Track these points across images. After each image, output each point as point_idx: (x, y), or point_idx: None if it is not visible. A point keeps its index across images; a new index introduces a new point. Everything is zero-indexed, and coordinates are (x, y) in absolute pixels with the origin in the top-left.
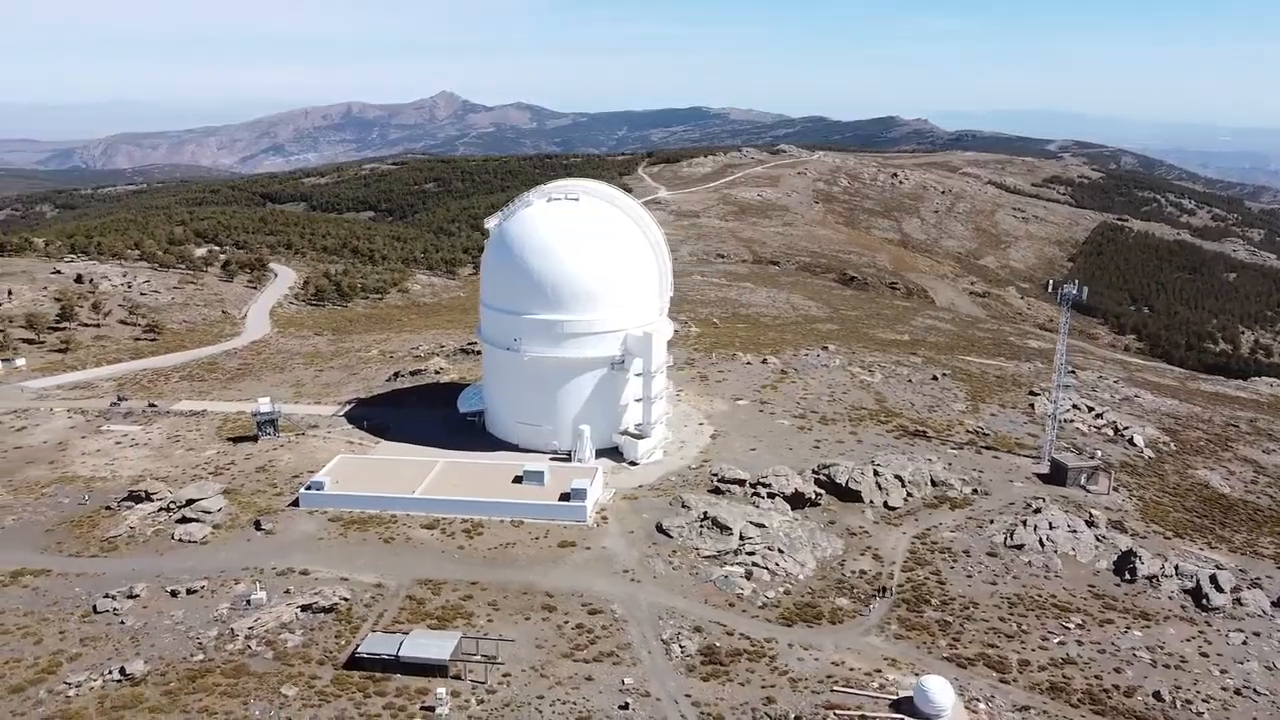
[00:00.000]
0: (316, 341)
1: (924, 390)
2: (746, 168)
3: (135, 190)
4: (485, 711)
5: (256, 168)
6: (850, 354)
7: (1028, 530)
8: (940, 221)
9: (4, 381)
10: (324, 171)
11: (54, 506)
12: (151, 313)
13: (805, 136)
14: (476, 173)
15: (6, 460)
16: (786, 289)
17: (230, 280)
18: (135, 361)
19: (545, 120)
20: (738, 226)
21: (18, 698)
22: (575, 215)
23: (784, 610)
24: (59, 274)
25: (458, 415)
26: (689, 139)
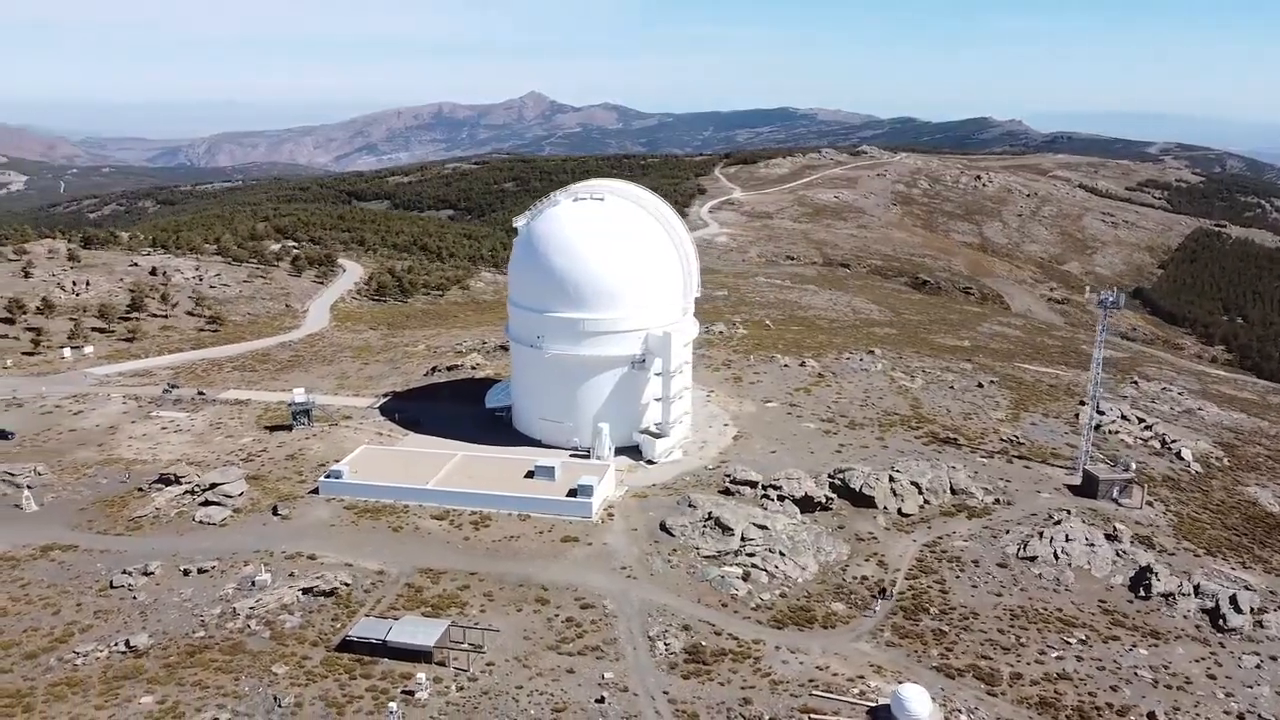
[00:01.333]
0: (369, 336)
1: (964, 397)
2: (824, 169)
3: (231, 187)
4: (464, 698)
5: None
6: (896, 358)
7: (1043, 542)
8: (1023, 225)
9: (72, 368)
10: (408, 170)
11: (92, 486)
12: (217, 305)
13: (893, 138)
14: (555, 172)
15: (60, 442)
16: (852, 292)
17: (298, 275)
18: (195, 351)
19: (631, 121)
20: (811, 228)
21: (31, 663)
22: (599, 215)
23: (777, 613)
24: (136, 267)
25: (487, 410)
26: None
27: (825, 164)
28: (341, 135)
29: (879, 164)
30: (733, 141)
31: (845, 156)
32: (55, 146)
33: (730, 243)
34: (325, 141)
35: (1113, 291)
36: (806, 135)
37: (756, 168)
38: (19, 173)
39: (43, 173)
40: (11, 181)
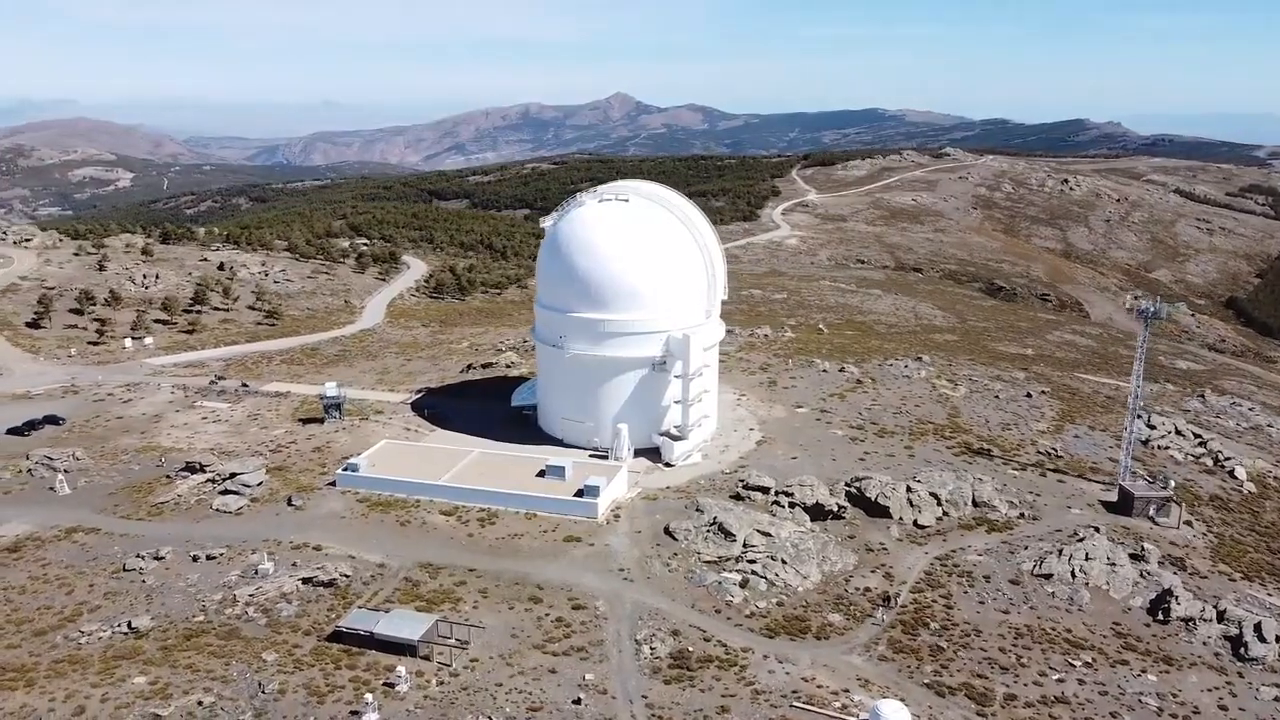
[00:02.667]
0: (418, 332)
1: (1008, 407)
2: (904, 171)
3: (320, 185)
4: (443, 693)
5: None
6: (945, 365)
7: (1061, 559)
8: (1110, 231)
9: (131, 358)
10: (489, 170)
11: (124, 472)
12: (278, 300)
13: (984, 140)
14: (631, 173)
15: (106, 428)
16: (920, 297)
17: (362, 272)
18: (249, 344)
19: (716, 122)
20: (885, 231)
21: (39, 640)
22: (623, 216)
23: (771, 621)
24: (205, 262)
25: (514, 409)
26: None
27: (905, 166)
28: (431, 135)
29: (961, 166)
30: (819, 143)
31: (927, 159)
32: (161, 145)
33: (800, 245)
34: (415, 141)
35: (1155, 301)
36: (894, 137)
37: (834, 170)
38: (126, 170)
39: (148, 170)
40: (119, 178)
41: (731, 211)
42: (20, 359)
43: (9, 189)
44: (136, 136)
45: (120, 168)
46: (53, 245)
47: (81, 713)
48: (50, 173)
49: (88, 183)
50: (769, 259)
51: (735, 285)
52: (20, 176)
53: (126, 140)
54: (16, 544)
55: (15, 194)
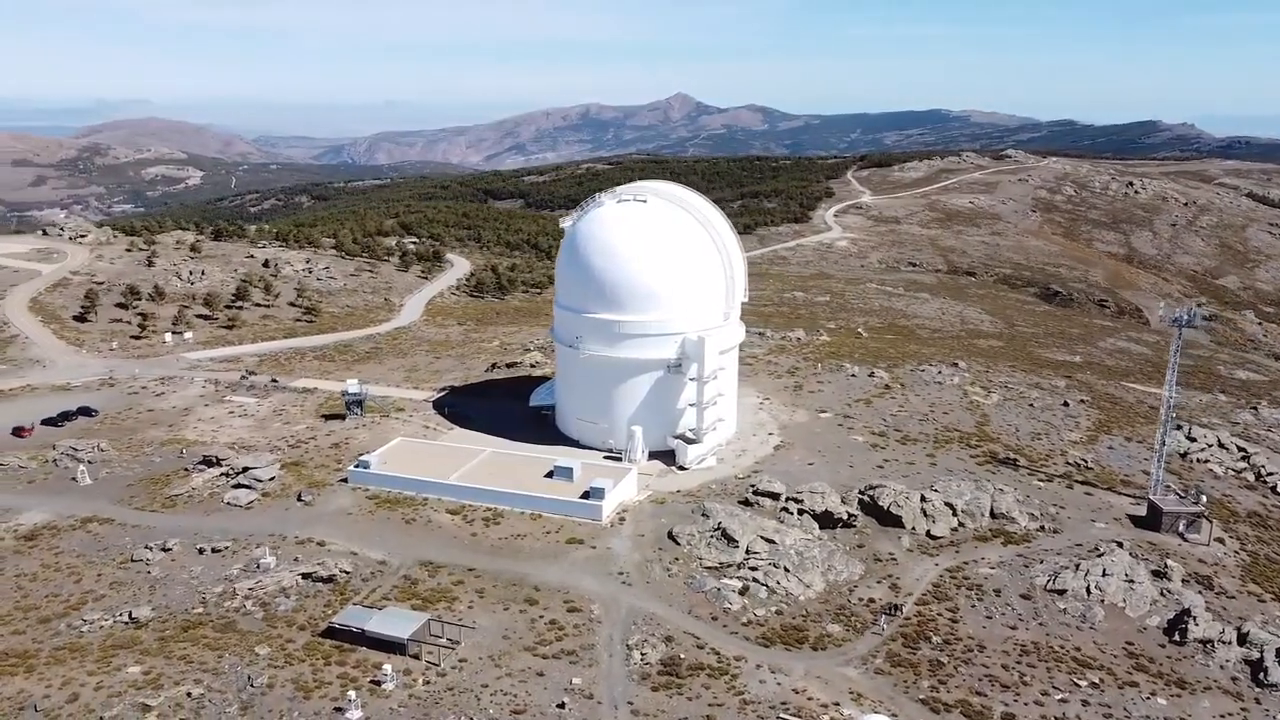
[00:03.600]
0: (452, 331)
1: (1041, 416)
2: (963, 173)
3: (380, 184)
4: (428, 692)
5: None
6: (983, 372)
7: (1077, 575)
8: (1176, 236)
9: (171, 352)
10: (544, 170)
11: (145, 464)
12: (318, 297)
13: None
14: (685, 174)
15: (136, 421)
16: (969, 301)
17: (405, 270)
18: (286, 340)
19: (777, 122)
20: (939, 234)
21: (43, 627)
22: (640, 217)
23: (767, 630)
24: (251, 258)
25: (534, 408)
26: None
27: (964, 168)
28: (492, 136)
29: (1022, 168)
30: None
31: (987, 161)
32: (231, 144)
33: (850, 248)
34: (476, 141)
35: (1189, 308)
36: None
37: (890, 171)
38: (196, 168)
39: (217, 169)
40: (190, 177)
41: (782, 213)
42: (64, 351)
43: (85, 186)
44: (207, 136)
45: (191, 166)
46: (106, 241)
47: (75, 700)
48: (124, 171)
49: (159, 180)
50: (818, 261)
51: (779, 287)
52: (96, 174)
53: (197, 139)
54: (34, 532)
55: (91, 191)
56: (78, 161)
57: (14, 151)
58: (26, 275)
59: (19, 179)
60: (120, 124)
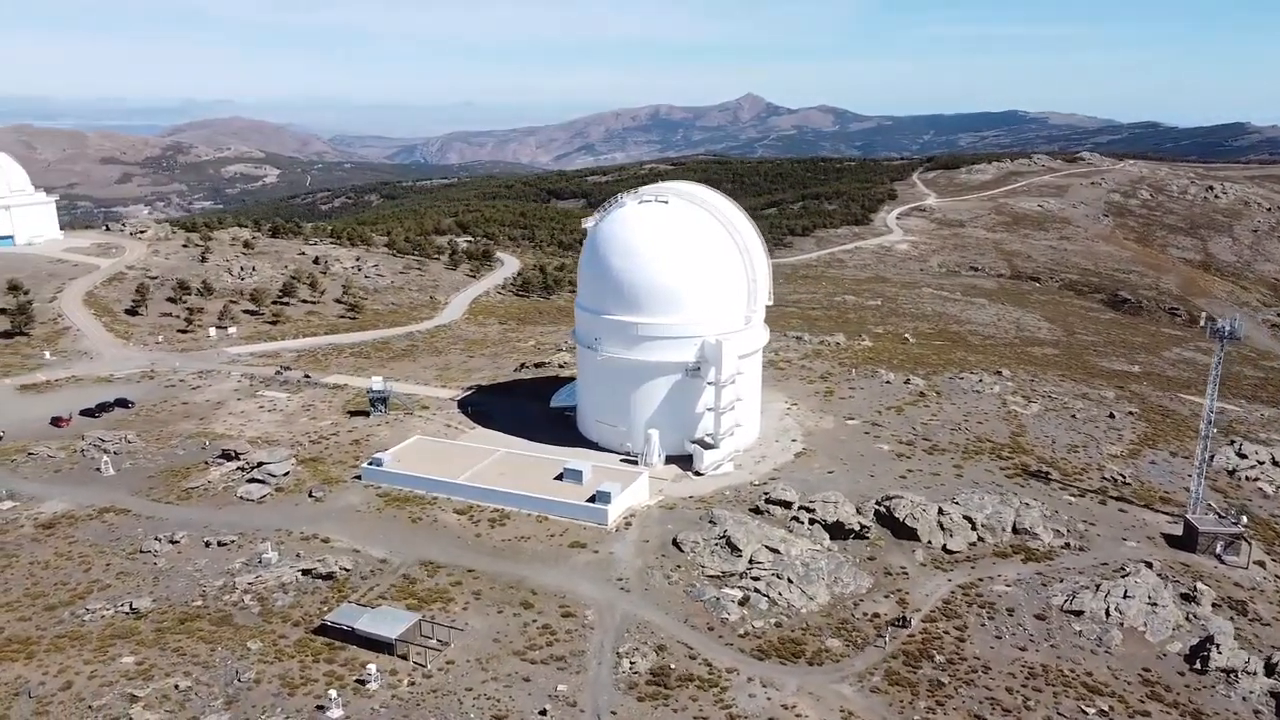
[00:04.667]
0: (491, 330)
1: (1083, 428)
2: (1032, 176)
3: (447, 184)
4: (411, 693)
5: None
6: (1027, 381)
7: (1097, 595)
8: (1258, 242)
9: (214, 347)
10: (608, 170)
11: (169, 457)
12: (365, 294)
13: (1132, 144)
14: (747, 175)
15: (170, 413)
16: (1029, 307)
17: (454, 269)
18: (327, 336)
19: (848, 123)
20: (1004, 238)
21: (48, 615)
22: (661, 218)
23: (764, 642)
24: (302, 255)
25: (554, 408)
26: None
27: (1034, 170)
28: (562, 136)
29: (1096, 171)
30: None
31: (1059, 163)
32: (308, 143)
33: (910, 251)
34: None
35: (1233, 318)
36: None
37: (957, 173)
38: (274, 167)
39: (293, 167)
40: (267, 175)
41: (843, 215)
42: (111, 344)
43: (169, 184)
44: (285, 135)
45: (268, 164)
46: (164, 237)
47: (68, 688)
48: (205, 169)
49: (238, 178)
50: (875, 264)
51: (830, 290)
52: (179, 172)
53: (276, 139)
54: (52, 520)
55: (174, 188)
56: (162, 160)
57: (103, 150)
58: (85, 269)
59: (107, 176)
60: (204, 124)
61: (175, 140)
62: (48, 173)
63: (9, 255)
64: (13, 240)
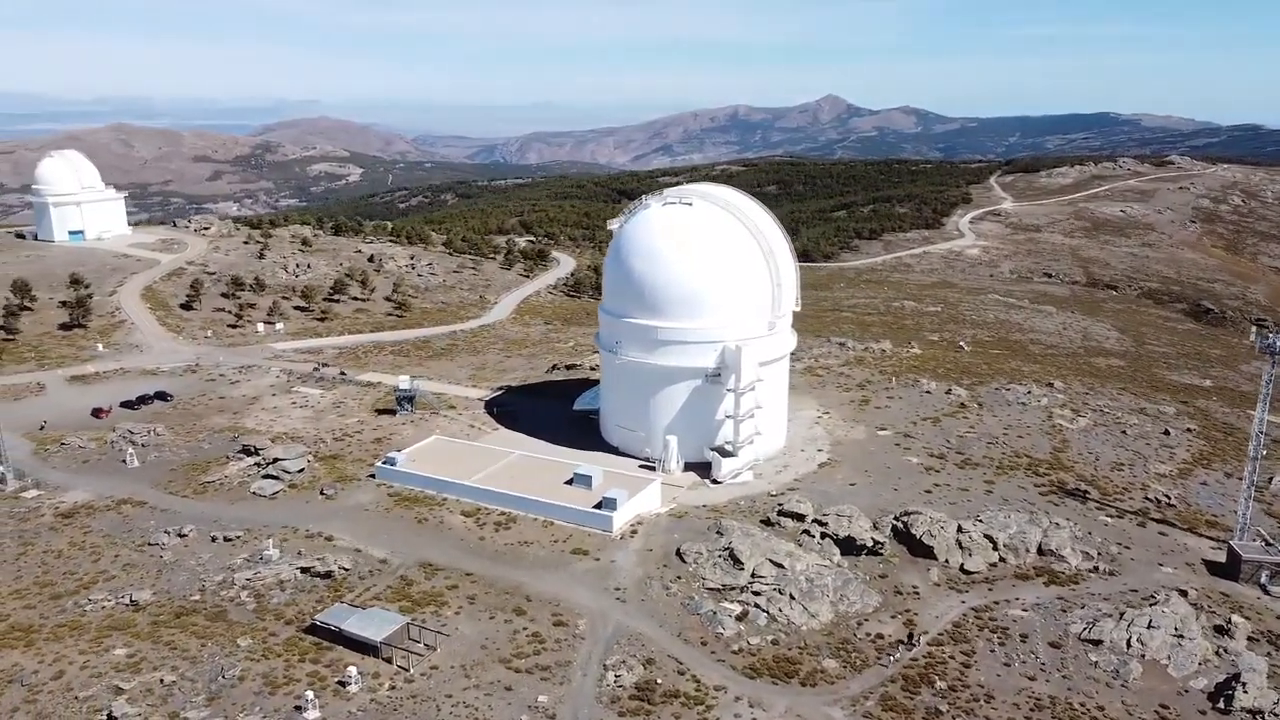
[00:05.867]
0: (534, 330)
1: (1132, 445)
2: (1116, 180)
3: (521, 184)
4: (390, 697)
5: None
6: (1081, 393)
7: (1119, 624)
8: None
9: (260, 342)
10: (679, 171)
11: (194, 450)
12: (415, 292)
13: (1230, 148)
14: (820, 177)
15: (205, 407)
16: (1101, 316)
17: (509, 268)
18: (371, 334)
19: (931, 125)
20: (1082, 244)
21: (53, 604)
22: (683, 220)
23: (758, 660)
24: (358, 253)
25: (579, 411)
26: (1088, 147)
27: (1119, 175)
28: (640, 136)
29: (1185, 176)
30: (1041, 148)
31: (1146, 167)
32: (391, 143)
33: (981, 256)
34: (624, 142)
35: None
36: (1126, 143)
37: (1036, 176)
38: (357, 166)
39: (376, 167)
40: (350, 174)
41: (914, 218)
42: (162, 338)
43: (256, 181)
44: (370, 135)
45: (351, 164)
46: (226, 234)
47: (60, 677)
48: (291, 167)
49: (322, 177)
50: (943, 269)
51: (890, 295)
52: (266, 170)
53: (360, 138)
54: (71, 510)
55: (261, 186)
56: (250, 158)
57: (196, 148)
58: (147, 264)
59: (198, 173)
60: (293, 123)
61: (264, 140)
62: (144, 170)
63: (77, 250)
64: (83, 235)
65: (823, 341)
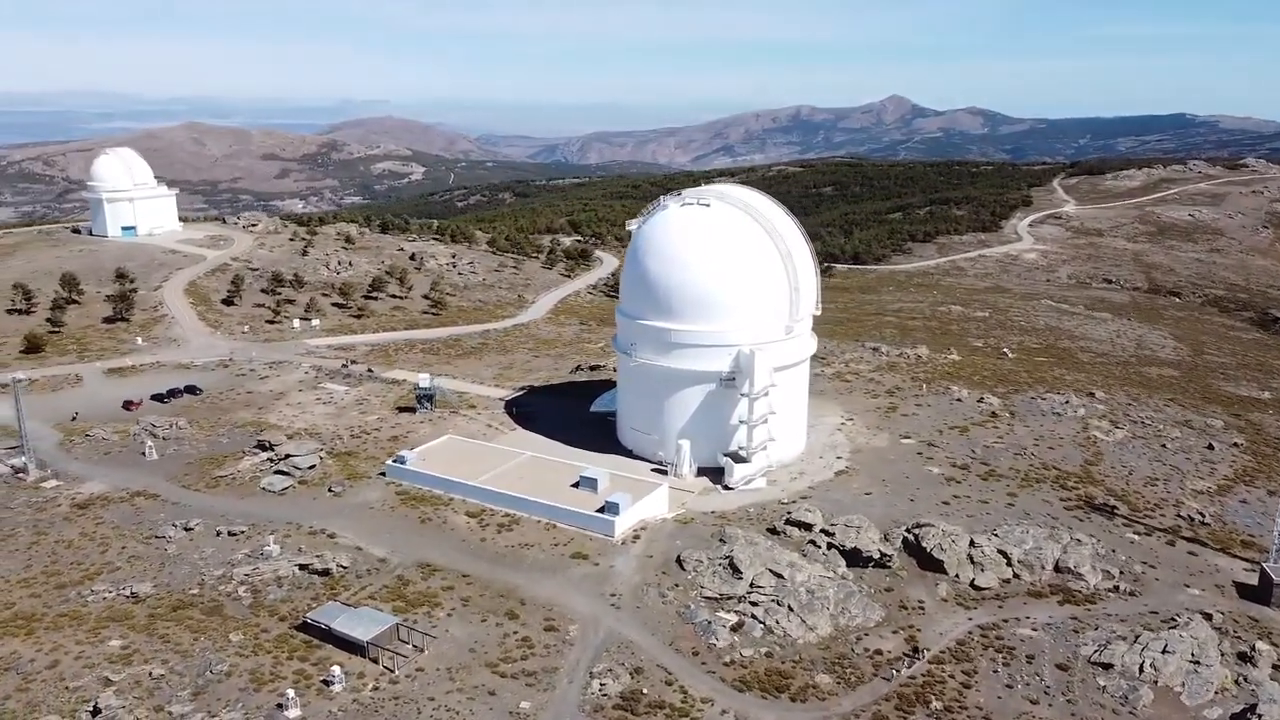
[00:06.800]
0: (567, 330)
1: (1171, 459)
2: (1186, 183)
3: (578, 183)
4: (372, 698)
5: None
6: (1124, 404)
7: (1133, 648)
8: None
9: (295, 338)
10: (735, 172)
11: (212, 444)
12: (453, 291)
13: None
14: (878, 178)
15: (232, 401)
16: (1159, 324)
17: (550, 268)
18: (404, 331)
19: (998, 126)
20: (1146, 249)
21: (57, 593)
22: (699, 222)
23: (749, 672)
24: (401, 251)
25: (596, 413)
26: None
27: (1189, 178)
28: (701, 137)
29: (1260, 179)
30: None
31: (1218, 170)
32: (455, 142)
33: (1039, 260)
34: (686, 143)
35: None
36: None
37: (1102, 179)
38: (420, 165)
39: (438, 165)
40: (413, 172)
41: (970, 221)
42: (200, 332)
43: (322, 179)
44: (434, 134)
45: (414, 162)
46: (273, 231)
47: (54, 666)
48: (356, 166)
49: (386, 176)
50: (998, 274)
51: (937, 300)
52: (332, 169)
53: (425, 137)
54: (87, 501)
55: (326, 184)
56: (317, 156)
57: (265, 146)
58: (193, 260)
59: (267, 171)
60: (359, 122)
61: (331, 138)
62: (214, 167)
63: (129, 245)
64: (135, 231)
65: (856, 346)
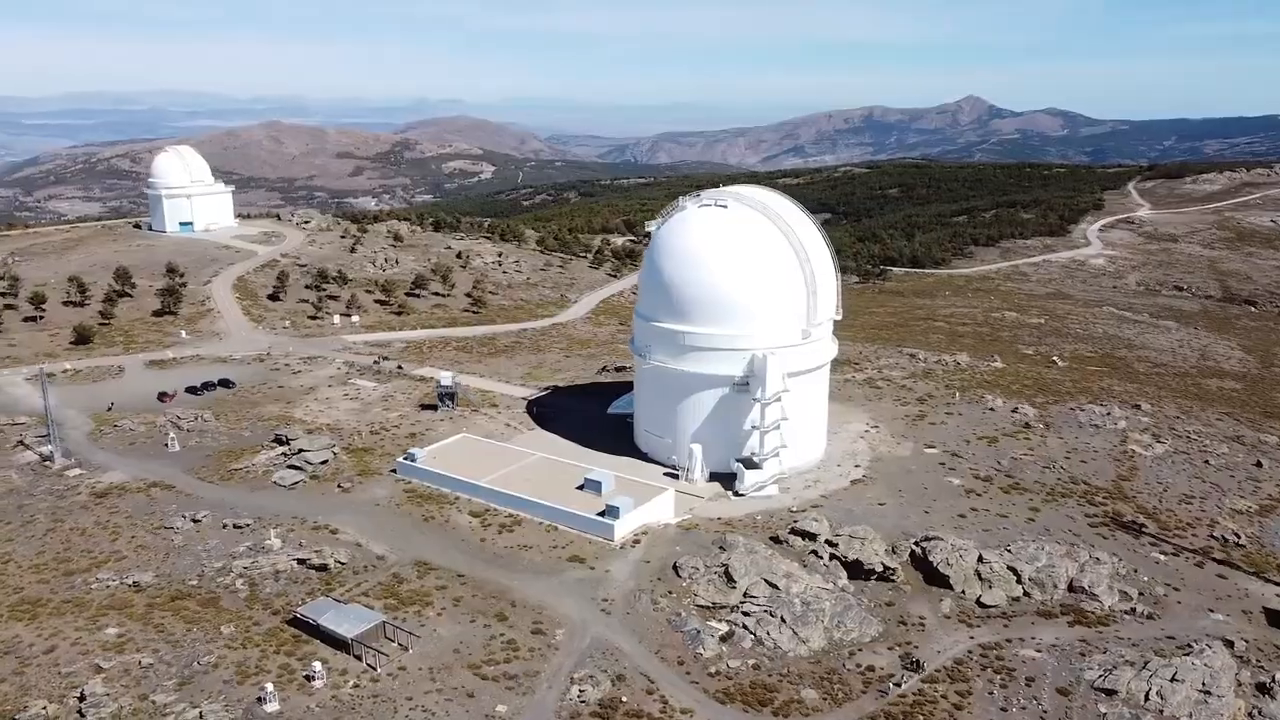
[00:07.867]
0: (604, 330)
1: (1211, 475)
2: (1270, 188)
3: (644, 183)
4: (351, 695)
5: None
6: (1172, 417)
7: (1141, 674)
8: None
9: (335, 334)
10: (800, 173)
11: (234, 437)
12: (496, 289)
13: None
14: (945, 180)
15: (262, 395)
16: (1229, 334)
17: (597, 267)
18: (445, 329)
19: (1079, 128)
20: (1222, 256)
21: (64, 580)
22: (715, 223)
23: (732, 685)
24: (448, 249)
25: (614, 415)
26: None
27: (1273, 181)
28: (771, 137)
29: None
30: (1199, 153)
31: None
32: (525, 142)
33: (1106, 266)
34: (756, 143)
35: None
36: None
37: (1180, 183)
38: (489, 164)
39: (508, 165)
40: (482, 171)
41: (1037, 225)
42: (243, 326)
43: (394, 177)
44: (505, 133)
45: (484, 161)
46: (325, 228)
47: (51, 652)
48: (428, 164)
49: (456, 174)
50: (1062, 279)
51: (992, 305)
52: (404, 166)
53: (496, 137)
54: (106, 490)
55: (399, 182)
56: (390, 155)
57: (340, 145)
58: (244, 255)
59: (341, 169)
60: (432, 122)
61: (404, 137)
62: (292, 165)
63: (185, 240)
64: (192, 226)
65: (893, 351)
